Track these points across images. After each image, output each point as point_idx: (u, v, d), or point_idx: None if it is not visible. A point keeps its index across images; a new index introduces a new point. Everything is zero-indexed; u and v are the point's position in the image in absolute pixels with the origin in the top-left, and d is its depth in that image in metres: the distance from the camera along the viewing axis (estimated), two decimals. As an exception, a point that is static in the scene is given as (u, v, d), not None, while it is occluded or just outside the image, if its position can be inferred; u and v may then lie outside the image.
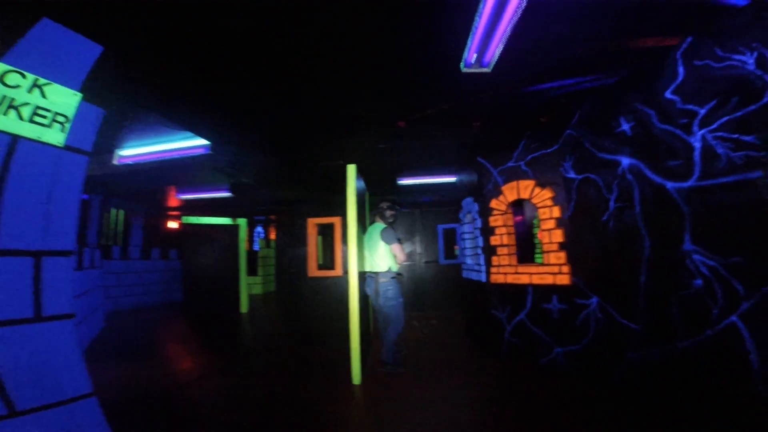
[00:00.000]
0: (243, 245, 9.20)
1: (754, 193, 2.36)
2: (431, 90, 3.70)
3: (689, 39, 2.81)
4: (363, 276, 4.32)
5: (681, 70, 2.86)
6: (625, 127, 3.31)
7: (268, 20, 2.57)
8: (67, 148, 2.00)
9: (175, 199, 9.51)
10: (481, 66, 3.11)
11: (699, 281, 2.68)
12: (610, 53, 3.10)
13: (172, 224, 11.73)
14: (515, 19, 2.46)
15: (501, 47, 2.79)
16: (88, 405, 1.95)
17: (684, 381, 2.81)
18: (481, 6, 2.38)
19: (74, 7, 2.30)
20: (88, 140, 2.13)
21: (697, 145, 2.72)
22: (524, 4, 2.32)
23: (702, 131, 2.70)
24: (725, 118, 2.56)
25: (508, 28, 2.56)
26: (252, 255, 12.98)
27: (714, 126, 2.63)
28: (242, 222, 9.27)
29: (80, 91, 2.08)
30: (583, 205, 3.78)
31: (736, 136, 2.49)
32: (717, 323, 2.57)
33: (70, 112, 2.01)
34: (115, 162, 6.36)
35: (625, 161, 3.30)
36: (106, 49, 2.42)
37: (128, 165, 6.51)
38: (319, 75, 3.36)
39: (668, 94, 2.94)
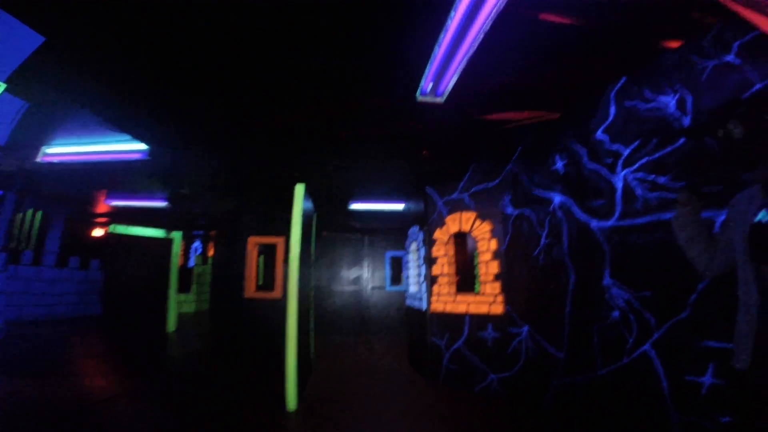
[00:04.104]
0: (176, 260, 8.60)
1: (665, 232, 2.57)
2: (385, 114, 3.79)
3: (623, 79, 3.00)
4: None
5: (612, 109, 3.07)
6: (559, 164, 3.55)
7: (220, 29, 2.52)
8: (-30, 134, 1.78)
9: (103, 204, 8.76)
10: (436, 95, 3.25)
11: (616, 313, 2.88)
12: (554, 90, 3.31)
13: (98, 232, 10.73)
14: (471, 51, 2.61)
15: (455, 78, 2.94)
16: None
17: (605, 406, 2.95)
18: (441, 36, 2.50)
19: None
20: (1, 133, 1.92)
21: (619, 185, 2.94)
22: (481, 37, 2.46)
23: (624, 171, 2.91)
24: (645, 159, 2.76)
25: (464, 60, 2.71)
26: (186, 271, 12.18)
27: (635, 167, 2.83)
28: (177, 236, 8.71)
29: (7, 81, 1.90)
30: (518, 239, 3.98)
31: (652, 177, 2.70)
32: (632, 352, 2.74)
33: (-17, 97, 1.81)
34: (39, 159, 5.77)
35: (557, 198, 3.54)
36: (49, 40, 2.24)
37: (53, 163, 5.94)
38: (271, 86, 3.32)
39: (599, 134, 3.15)
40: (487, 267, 4.23)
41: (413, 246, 5.67)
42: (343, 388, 4.25)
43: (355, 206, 7.67)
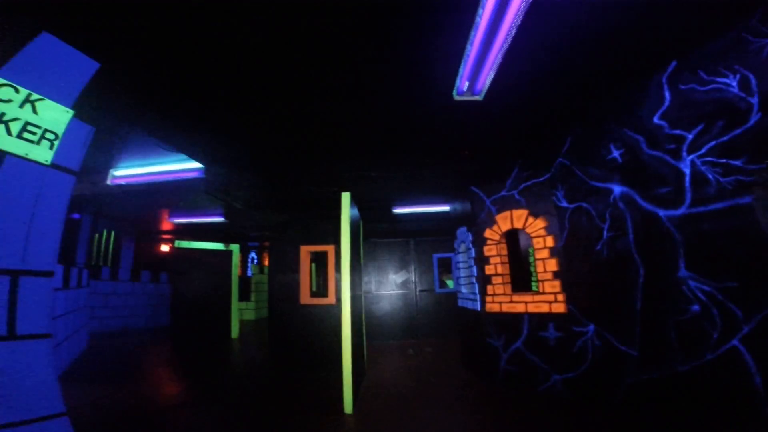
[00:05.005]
0: (235, 271, 9.07)
1: (745, 218, 2.35)
2: (421, 118, 3.74)
3: (674, 63, 2.86)
4: None
5: (667, 94, 2.90)
6: (615, 154, 3.34)
7: (264, 47, 2.62)
8: (53, 166, 1.97)
9: (167, 222, 9.44)
10: (473, 94, 3.16)
11: (696, 306, 2.64)
12: (597, 77, 3.13)
13: (164, 247, 11.58)
14: (505, 46, 2.52)
15: (492, 75, 2.84)
16: (60, 425, 1.84)
17: (686, 404, 2.73)
18: (472, 34, 2.43)
19: (75, 21, 2.32)
20: (75, 159, 2.11)
21: (687, 170, 2.73)
22: (514, 31, 2.38)
23: (691, 156, 2.71)
24: (713, 143, 2.58)
25: (499, 56, 2.62)
26: (245, 281, 12.81)
27: (702, 151, 2.64)
28: (235, 248, 9.18)
29: (72, 107, 2.08)
30: (577, 234, 3.77)
31: (724, 160, 2.49)
32: (717, 347, 2.52)
33: (60, 129, 2.00)
34: (108, 182, 6.32)
35: (617, 189, 3.32)
36: (103, 65, 2.44)
37: (121, 186, 6.47)
38: (313, 102, 3.40)
39: (656, 120, 2.97)
40: (545, 265, 4.04)
41: (462, 247, 5.55)
42: (396, 391, 4.24)
43: (399, 210, 7.65)
